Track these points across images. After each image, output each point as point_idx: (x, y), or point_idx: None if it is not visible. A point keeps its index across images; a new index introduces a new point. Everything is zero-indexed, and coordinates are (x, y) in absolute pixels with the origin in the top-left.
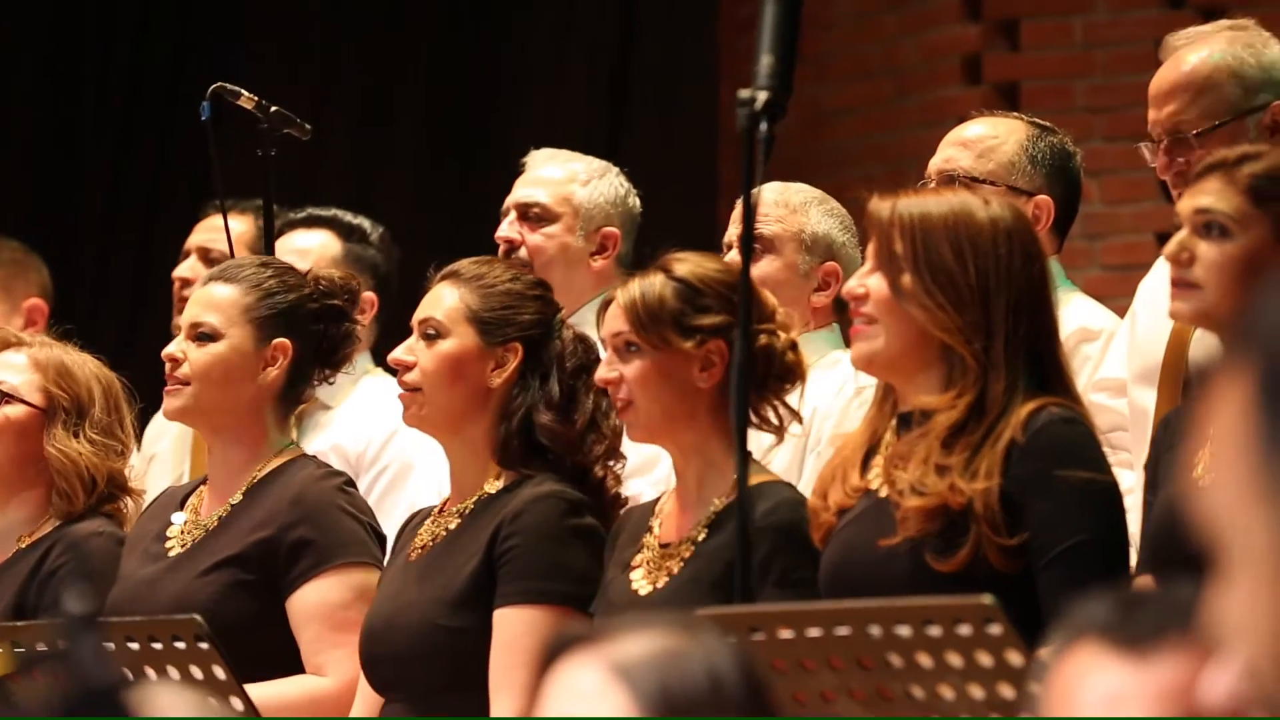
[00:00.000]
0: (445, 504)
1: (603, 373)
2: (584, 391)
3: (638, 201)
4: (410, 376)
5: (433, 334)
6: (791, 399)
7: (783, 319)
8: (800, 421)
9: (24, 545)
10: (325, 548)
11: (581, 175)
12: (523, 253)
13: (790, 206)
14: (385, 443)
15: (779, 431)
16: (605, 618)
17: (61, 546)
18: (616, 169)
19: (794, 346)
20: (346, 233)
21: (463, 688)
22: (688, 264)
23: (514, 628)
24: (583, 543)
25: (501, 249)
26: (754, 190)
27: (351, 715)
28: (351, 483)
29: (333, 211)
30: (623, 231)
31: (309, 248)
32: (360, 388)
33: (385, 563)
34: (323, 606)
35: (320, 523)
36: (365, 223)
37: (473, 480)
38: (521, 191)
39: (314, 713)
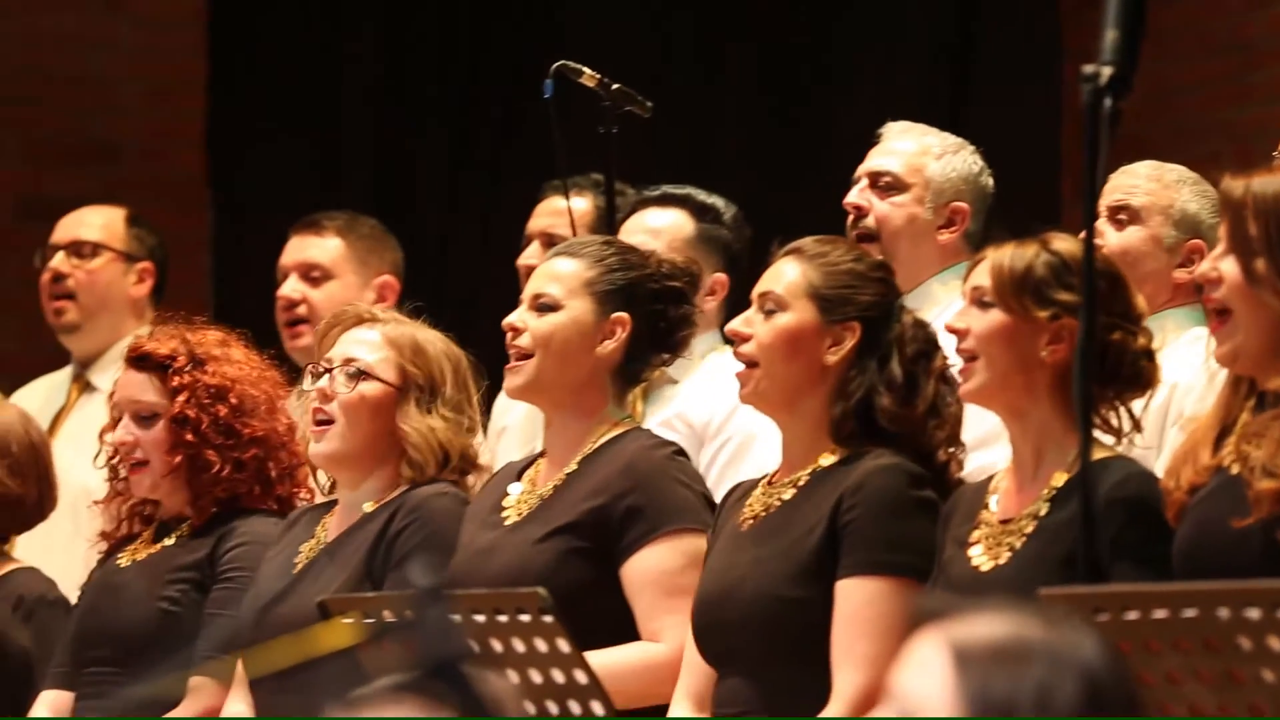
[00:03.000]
0: (774, 476)
1: (954, 320)
2: (924, 376)
3: (990, 181)
4: (746, 348)
5: (772, 308)
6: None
7: (1146, 326)
8: (1140, 431)
9: (370, 509)
10: (657, 515)
11: (935, 149)
12: (870, 220)
13: (1163, 182)
14: (729, 415)
15: (1118, 435)
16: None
17: (406, 508)
18: (971, 147)
19: (1150, 355)
20: (699, 212)
21: (801, 660)
22: (1067, 243)
23: (857, 599)
24: (924, 515)
25: (850, 216)
26: (1098, 167)
27: (683, 680)
28: (682, 451)
29: (686, 190)
30: (973, 208)
31: (661, 226)
32: (707, 363)
33: (712, 533)
34: (656, 573)
35: (652, 490)
36: (719, 202)
37: (804, 455)
38: (875, 160)
39: (650, 679)
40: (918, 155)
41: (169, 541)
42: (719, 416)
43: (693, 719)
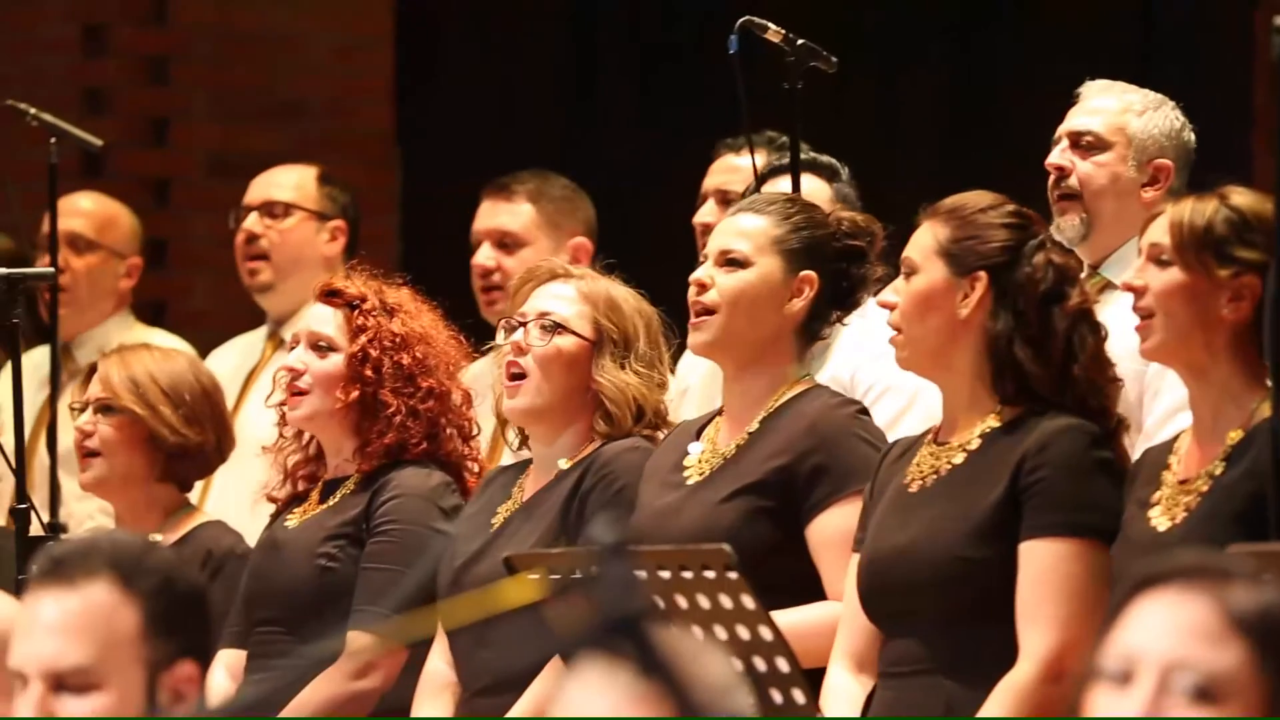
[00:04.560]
0: (936, 435)
1: (1131, 278)
2: (1058, 318)
3: (1193, 136)
4: (892, 317)
5: (909, 272)
6: None
7: None
8: None
9: (565, 466)
10: (842, 474)
11: (1137, 106)
12: (1072, 180)
13: None
14: (871, 365)
15: None
16: (1124, 556)
17: (598, 464)
18: (1173, 103)
19: None
20: (827, 174)
21: (978, 620)
22: (1246, 198)
23: (1044, 560)
24: (1106, 475)
25: (1051, 176)
26: None
27: (841, 641)
28: (865, 410)
29: (811, 155)
30: (1176, 165)
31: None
32: (851, 319)
33: (868, 491)
34: (840, 534)
35: (836, 450)
36: (834, 161)
37: (967, 414)
38: (1076, 120)
39: (832, 639)
40: (1119, 113)
41: (334, 501)
42: (859, 368)
43: None
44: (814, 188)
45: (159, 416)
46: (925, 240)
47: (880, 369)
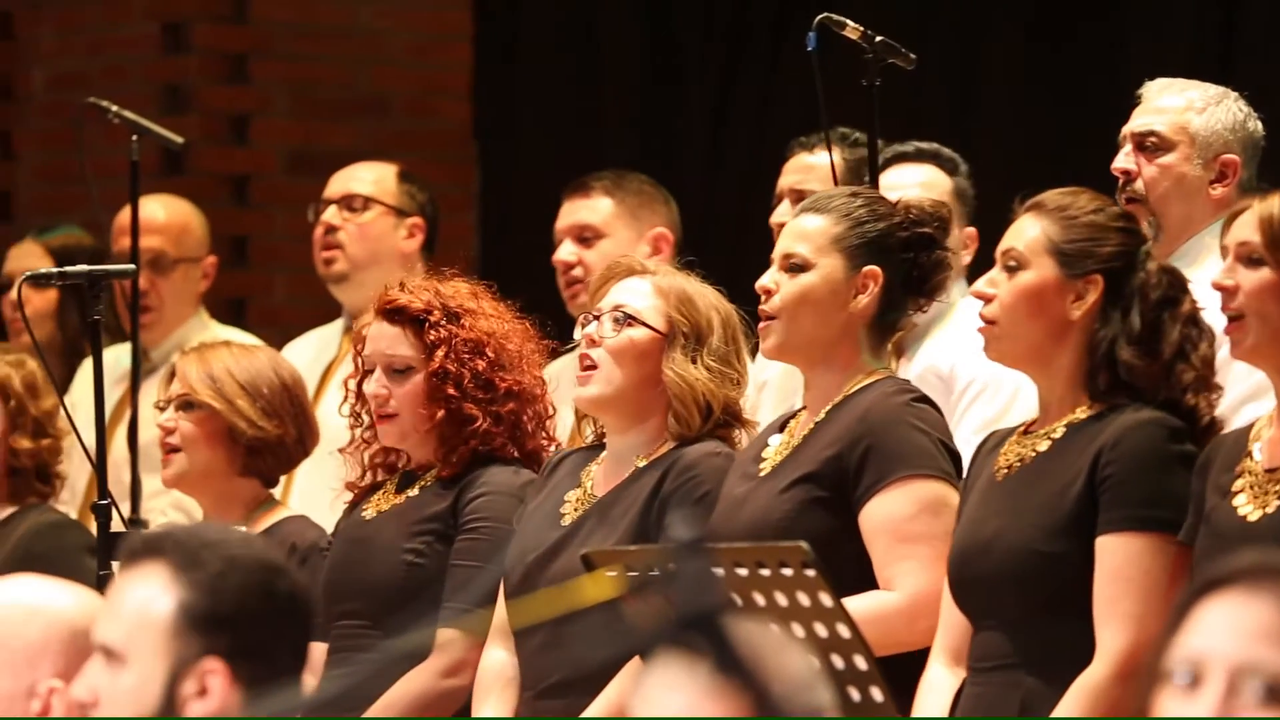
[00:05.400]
0: (1030, 426)
1: (1220, 278)
2: (1169, 323)
3: (1259, 126)
4: (989, 309)
5: (1014, 265)
6: None
7: None
8: None
9: (642, 464)
10: (889, 460)
11: (1198, 103)
12: (1138, 184)
13: None
14: (972, 360)
15: None
16: (1212, 547)
17: (679, 467)
18: (1235, 94)
19: None
20: (950, 166)
21: (1058, 614)
22: None
23: (1120, 555)
24: (1185, 469)
25: (1119, 180)
26: None
27: (940, 636)
28: (924, 399)
29: (931, 146)
30: (1243, 158)
31: (924, 181)
32: (957, 311)
33: (964, 483)
34: (888, 520)
35: (885, 436)
36: (956, 156)
37: (1059, 409)
38: (1138, 121)
39: (881, 628)
40: (1181, 112)
41: (413, 493)
42: (961, 361)
43: None
44: (934, 179)
45: (236, 410)
46: (1033, 235)
47: (982, 364)
